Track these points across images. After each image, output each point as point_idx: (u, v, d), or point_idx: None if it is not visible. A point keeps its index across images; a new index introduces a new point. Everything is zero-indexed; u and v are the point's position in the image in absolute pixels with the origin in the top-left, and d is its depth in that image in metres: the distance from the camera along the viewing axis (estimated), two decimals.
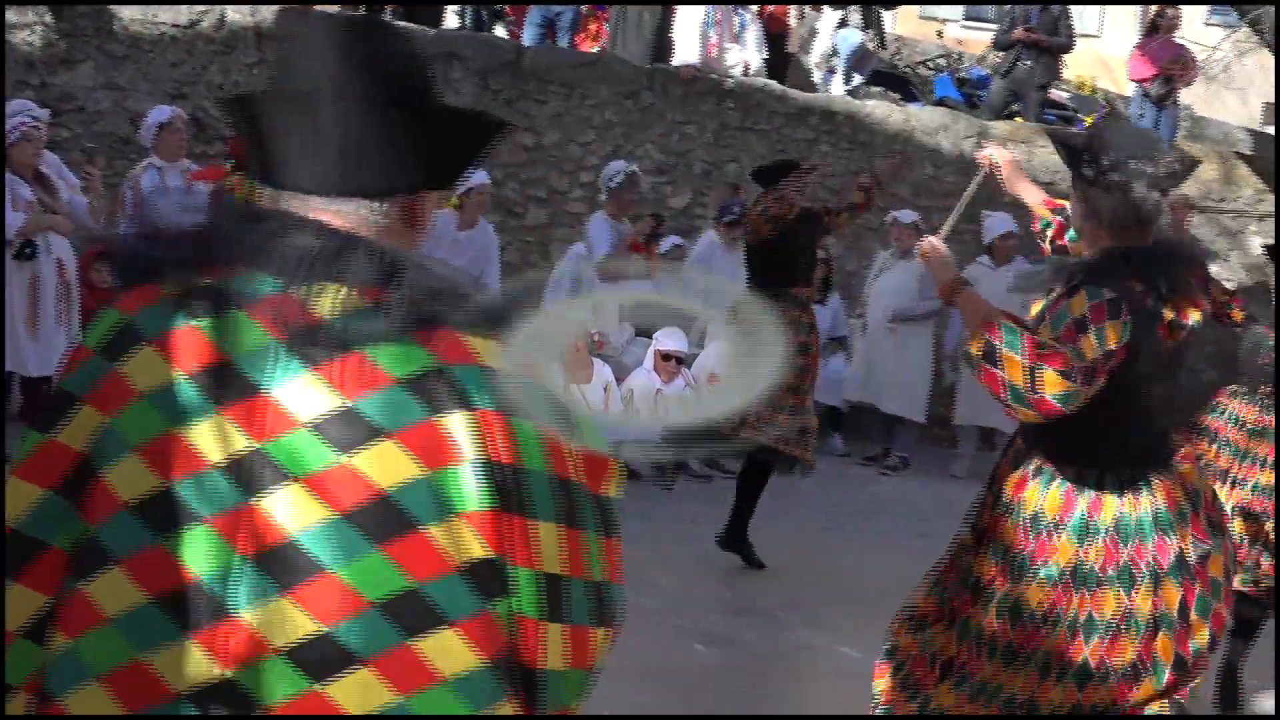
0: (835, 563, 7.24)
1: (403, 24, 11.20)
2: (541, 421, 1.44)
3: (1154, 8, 14.41)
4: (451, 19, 12.02)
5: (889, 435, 10.44)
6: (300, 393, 1.40)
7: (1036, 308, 3.35)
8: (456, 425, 1.40)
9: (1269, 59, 11.27)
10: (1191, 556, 3.15)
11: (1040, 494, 3.28)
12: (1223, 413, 5.39)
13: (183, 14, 10.39)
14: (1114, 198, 3.21)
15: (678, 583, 6.62)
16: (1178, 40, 13.66)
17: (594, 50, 12.03)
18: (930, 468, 10.10)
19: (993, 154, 3.99)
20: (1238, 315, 5.50)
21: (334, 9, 10.85)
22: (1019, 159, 3.81)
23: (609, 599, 1.51)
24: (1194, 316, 3.21)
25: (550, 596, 1.44)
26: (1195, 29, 15.97)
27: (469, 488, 1.39)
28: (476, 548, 1.39)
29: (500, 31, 12.24)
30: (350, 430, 1.38)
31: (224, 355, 1.41)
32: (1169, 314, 3.16)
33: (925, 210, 10.93)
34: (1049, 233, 3.77)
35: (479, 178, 9.23)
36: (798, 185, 7.00)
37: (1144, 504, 3.18)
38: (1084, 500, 3.21)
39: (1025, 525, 3.28)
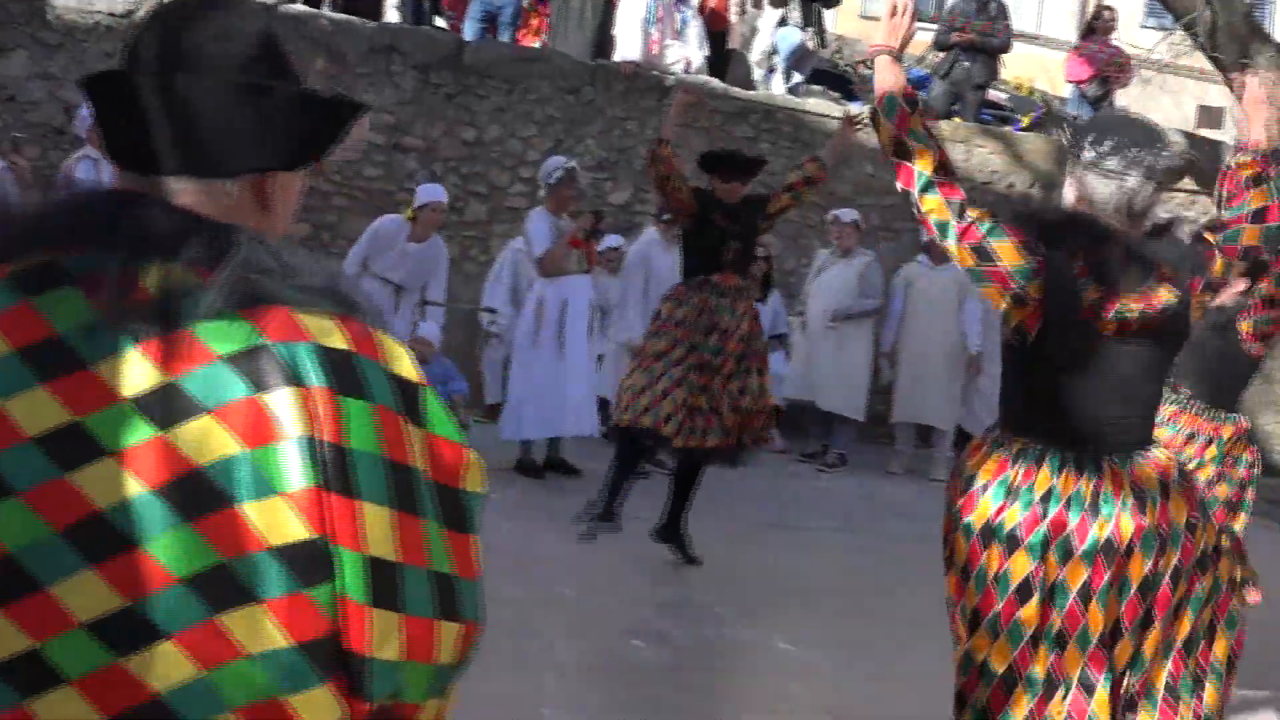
0: (773, 559, 7.28)
1: (333, 14, 11.18)
2: (381, 404, 1.42)
3: (1091, 10, 14.58)
4: (392, 13, 11.95)
5: (828, 432, 10.52)
6: (123, 368, 1.36)
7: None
8: (281, 402, 1.36)
9: (1203, 61, 11.41)
10: (1133, 542, 3.16)
11: (984, 457, 3.32)
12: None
13: (118, 3, 10.32)
14: (1110, 184, 3.22)
15: (614, 579, 6.64)
16: (1114, 42, 13.84)
17: (535, 45, 12.02)
18: (868, 465, 10.19)
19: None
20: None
21: None
22: None
23: (458, 594, 1.47)
24: (1142, 306, 3.19)
25: (379, 582, 1.39)
26: (1131, 31, 16.17)
27: (291, 466, 1.36)
28: (297, 527, 1.36)
29: (441, 24, 12.18)
30: (170, 406, 1.35)
31: (52, 331, 1.39)
32: (1094, 293, 3.15)
33: (865, 208, 11.03)
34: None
35: (435, 194, 9.23)
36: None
37: (1082, 483, 3.20)
38: (1017, 467, 3.24)
39: (962, 485, 3.33)
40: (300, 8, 11.00)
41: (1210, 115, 17.73)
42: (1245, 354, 5.21)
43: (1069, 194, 3.37)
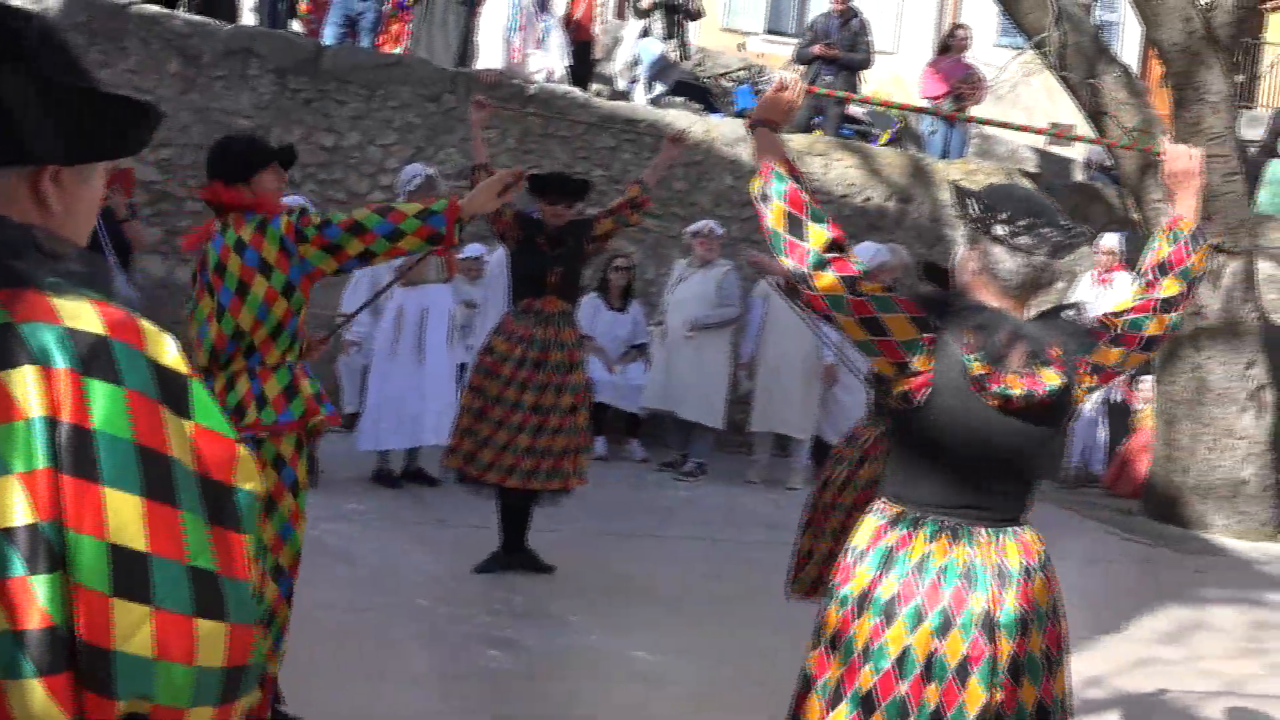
0: (629, 566, 7.31)
1: (189, 15, 11.00)
2: (133, 389, 1.39)
3: (947, 28, 14.89)
4: (249, 15, 11.79)
5: (686, 441, 10.56)
6: None
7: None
8: (23, 381, 1.34)
9: (1051, 80, 11.70)
10: (999, 619, 3.13)
11: (865, 524, 3.30)
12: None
13: None
14: (1018, 259, 3.19)
15: (470, 588, 6.61)
16: (968, 60, 14.16)
17: (396, 52, 11.94)
18: (726, 473, 10.26)
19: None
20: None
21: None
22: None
23: (224, 592, 1.43)
24: (1028, 387, 3.15)
25: (123, 571, 1.35)
26: (985, 50, 16.53)
27: (26, 445, 1.34)
28: (24, 510, 1.32)
29: (297, 28, 12.04)
30: None
31: None
32: (980, 369, 3.12)
33: (725, 220, 11.13)
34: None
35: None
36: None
37: (957, 553, 3.17)
38: (895, 535, 3.21)
39: (845, 553, 3.31)
40: (154, 8, 10.79)
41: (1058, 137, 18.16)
42: None
43: (970, 265, 3.31)
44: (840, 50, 13.20)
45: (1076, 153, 17.33)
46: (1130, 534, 10.30)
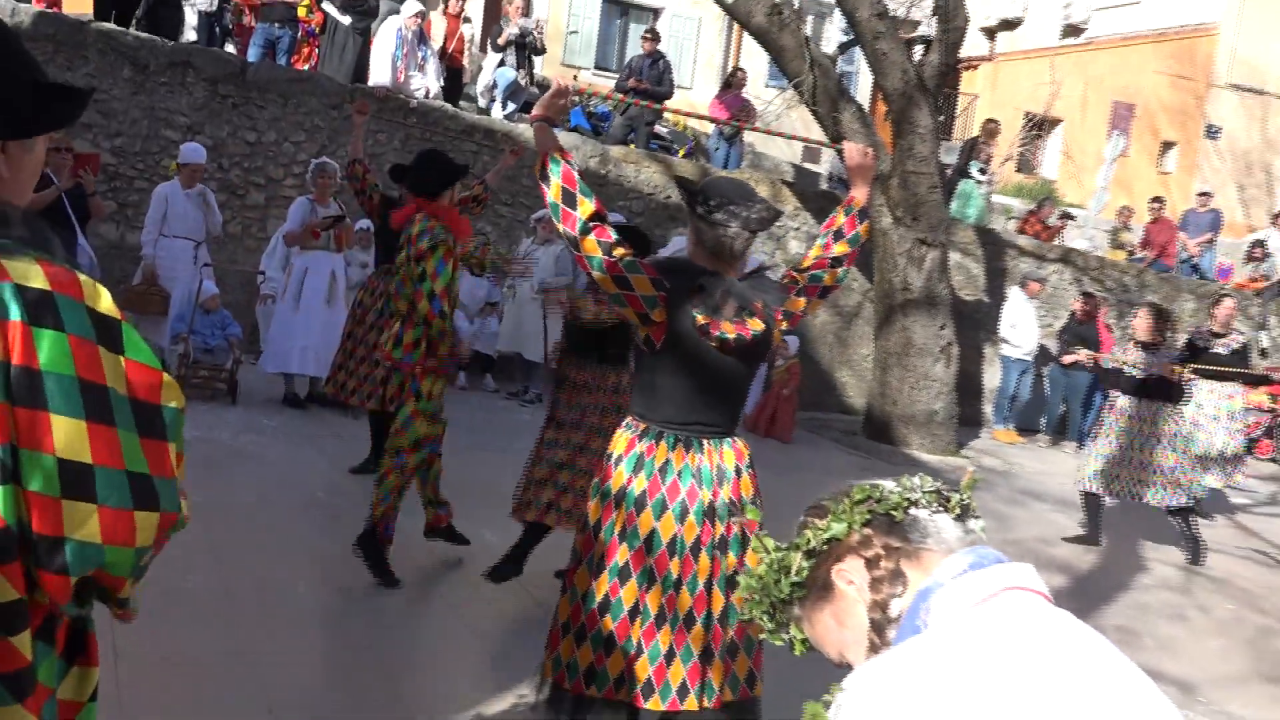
0: (484, 473, 7.33)
1: (138, 33, 10.58)
2: (73, 334, 1.35)
3: (729, 70, 15.05)
4: (190, 33, 11.38)
5: (529, 376, 10.61)
6: None
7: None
8: None
9: (807, 113, 11.96)
10: (720, 508, 3.18)
11: (620, 437, 3.30)
12: None
13: None
14: (716, 232, 3.20)
15: (352, 483, 6.51)
16: (745, 95, 14.37)
17: (305, 69, 11.66)
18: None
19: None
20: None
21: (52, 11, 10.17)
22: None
23: (156, 489, 1.41)
24: (739, 332, 3.18)
25: (70, 479, 1.33)
26: (758, 88, 16.78)
27: None
28: None
29: (230, 48, 11.68)
30: None
31: None
32: (703, 320, 3.15)
33: None
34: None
35: (195, 155, 8.93)
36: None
37: (690, 458, 3.19)
38: (643, 445, 3.22)
39: (604, 459, 3.31)
40: (110, 26, 10.36)
41: (811, 152, 18.51)
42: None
43: (691, 238, 3.32)
44: (649, 83, 13.28)
45: (823, 168, 17.70)
46: (853, 450, 10.68)
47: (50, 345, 1.32)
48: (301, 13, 11.86)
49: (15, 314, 1.31)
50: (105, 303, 1.41)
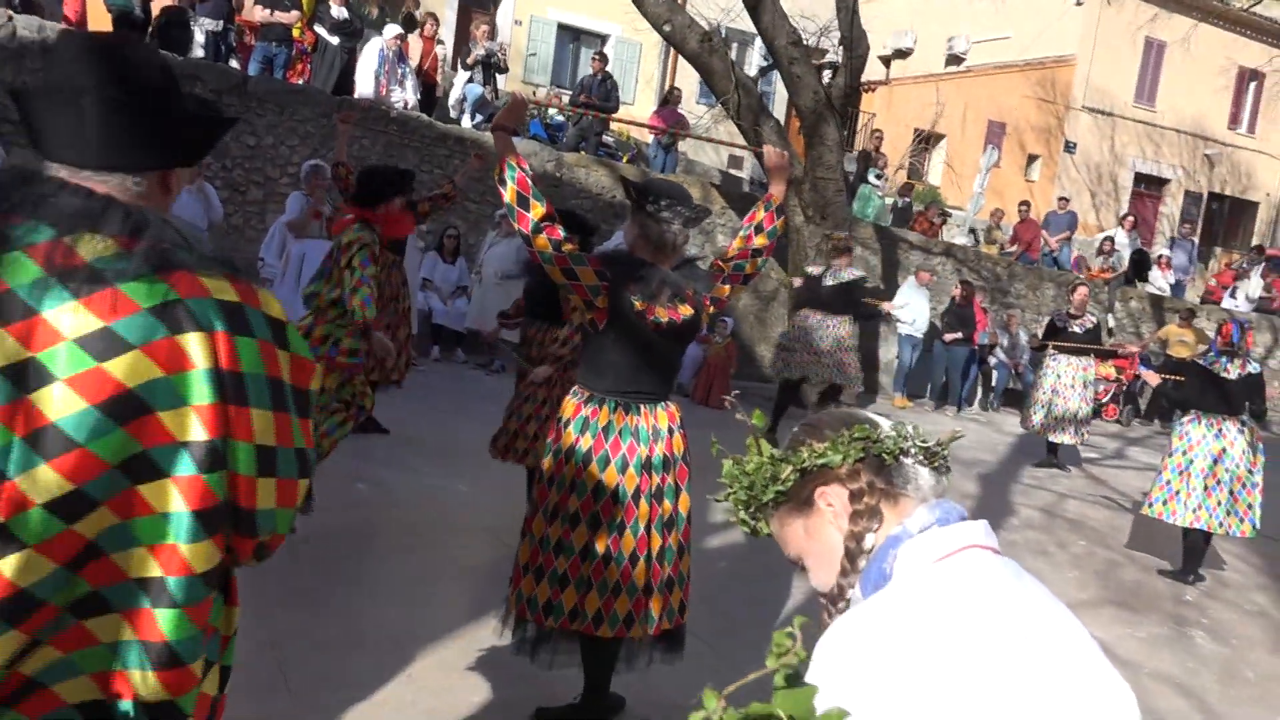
0: (454, 430, 7.27)
1: (154, 48, 10.28)
2: (261, 339, 1.39)
3: (666, 88, 14.95)
4: (198, 51, 11.06)
5: (493, 350, 10.49)
6: (67, 316, 1.28)
7: None
8: (192, 342, 1.32)
9: (733, 125, 11.92)
10: (653, 461, 3.16)
11: (568, 403, 3.26)
12: None
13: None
14: (661, 227, 3.17)
15: (343, 443, 6.44)
16: (680, 110, 14.29)
17: (300, 83, 11.40)
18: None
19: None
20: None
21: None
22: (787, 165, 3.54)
23: (308, 460, 1.48)
24: (671, 316, 3.17)
25: (263, 460, 1.39)
26: (691, 104, 16.70)
27: (199, 387, 1.33)
28: (199, 431, 1.33)
29: (233, 64, 11.37)
30: (106, 344, 1.28)
31: (6, 285, 1.29)
32: (640, 305, 3.13)
33: None
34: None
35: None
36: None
37: (629, 420, 3.17)
38: (589, 409, 3.19)
39: (555, 422, 3.28)
40: None
41: (736, 160, 18.51)
42: None
43: (630, 233, 3.27)
44: (597, 99, 13.15)
45: (745, 173, 17.72)
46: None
47: (247, 350, 1.36)
48: (295, 33, 11.59)
49: (220, 325, 1.34)
50: (276, 309, 1.43)
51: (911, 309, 12.49)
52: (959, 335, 12.68)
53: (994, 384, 13.69)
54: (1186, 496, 6.46)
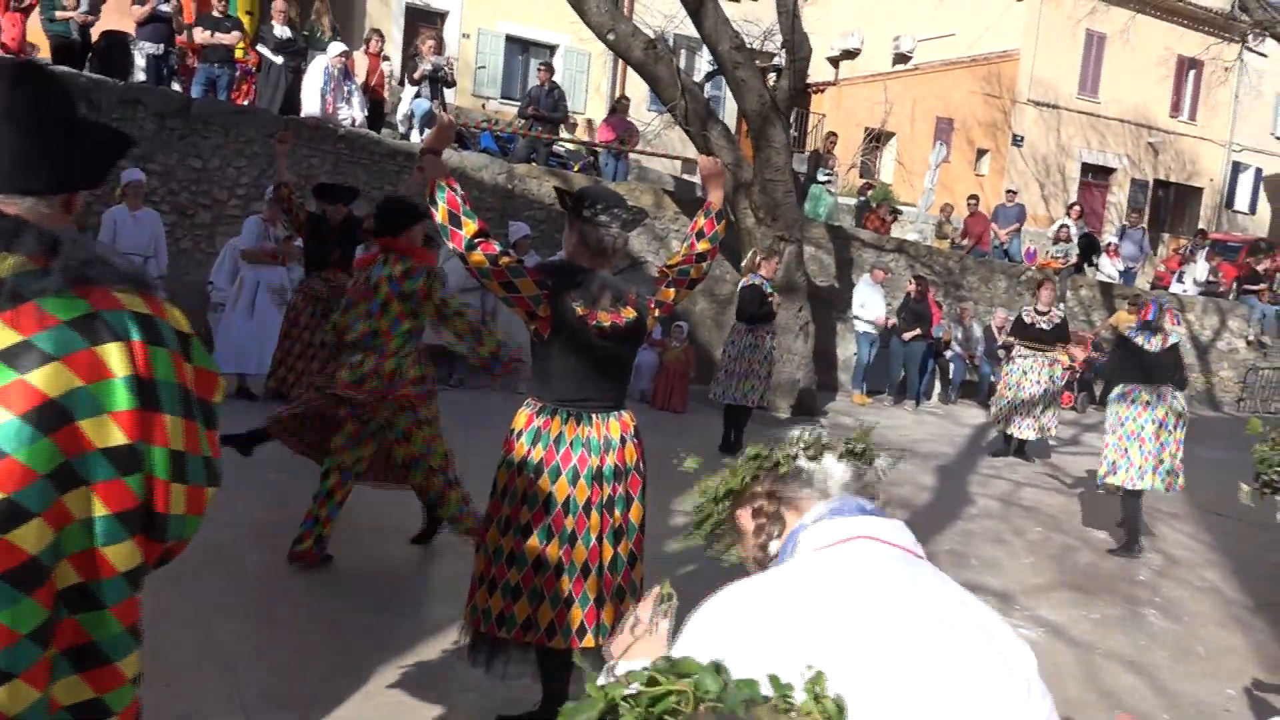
0: None
1: (91, 74, 10.18)
2: (172, 349, 1.44)
3: (616, 97, 14.97)
4: (139, 74, 10.95)
5: (452, 366, 10.44)
6: None
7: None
8: (112, 352, 1.37)
9: (683, 132, 11.98)
10: (605, 472, 3.16)
11: (520, 414, 3.26)
12: None
13: None
14: (599, 232, 3.19)
15: (290, 459, 6.41)
16: (629, 119, 14.34)
17: (245, 103, 11.32)
18: (475, 386, 10.23)
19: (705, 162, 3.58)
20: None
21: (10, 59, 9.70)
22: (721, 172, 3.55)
23: (215, 468, 1.52)
24: (614, 320, 3.18)
25: (176, 466, 1.43)
26: (640, 112, 16.75)
27: (120, 395, 1.37)
28: (119, 436, 1.37)
29: (176, 87, 11.27)
30: (28, 357, 1.32)
31: None
32: (582, 311, 3.13)
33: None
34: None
35: (134, 176, 8.70)
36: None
37: (580, 430, 3.17)
38: (540, 420, 3.19)
39: (508, 433, 3.28)
40: (64, 68, 9.92)
41: (689, 165, 18.55)
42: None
43: (569, 241, 3.28)
44: (545, 110, 13.17)
45: (699, 179, 17.73)
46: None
47: (161, 359, 1.41)
48: (239, 54, 11.52)
49: (136, 335, 1.39)
50: (182, 322, 1.48)
51: (869, 307, 12.64)
52: (917, 332, 12.81)
53: (951, 377, 13.85)
54: (1128, 464, 6.88)
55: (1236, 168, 27.57)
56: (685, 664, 0.93)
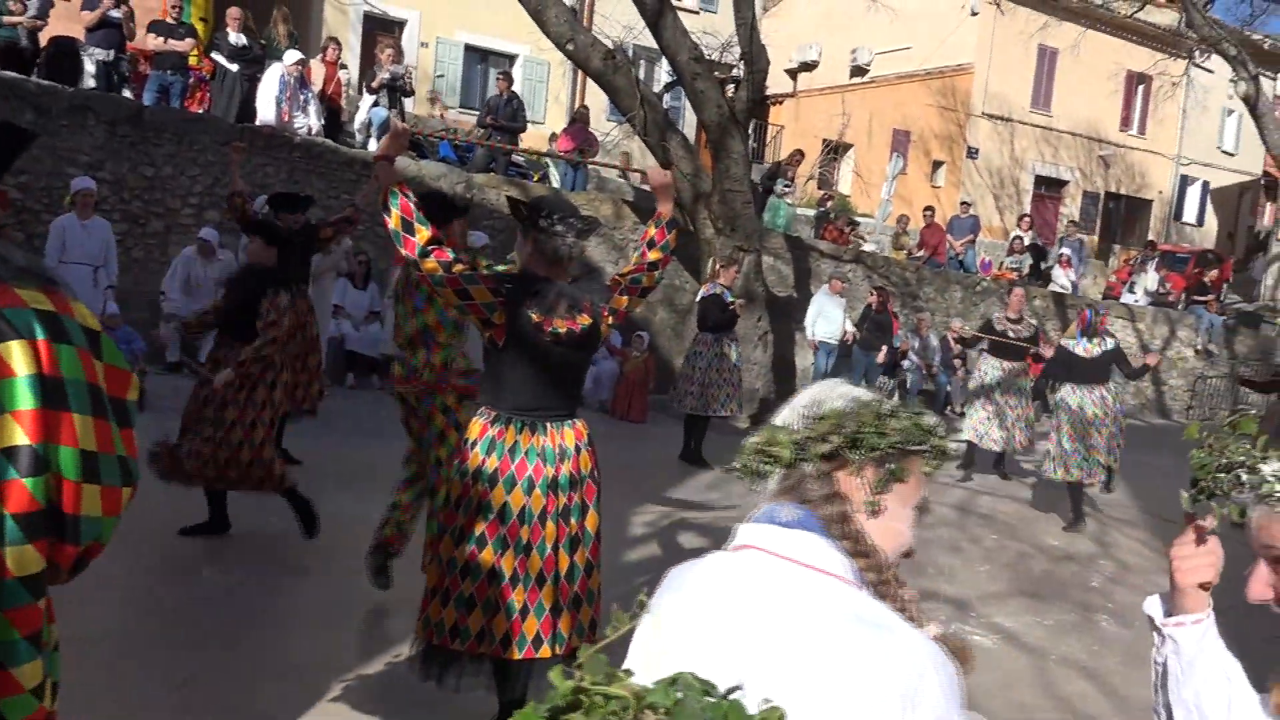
0: (369, 456, 7.17)
1: (40, 80, 10.00)
2: (79, 347, 1.40)
3: (576, 107, 14.98)
4: (89, 81, 10.77)
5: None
6: None
7: None
8: (14, 350, 1.33)
9: (641, 142, 12.01)
10: (560, 481, 3.16)
11: (474, 424, 3.23)
12: None
13: None
14: (554, 241, 3.19)
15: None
16: (589, 129, 14.34)
17: (199, 111, 11.17)
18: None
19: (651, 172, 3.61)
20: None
21: None
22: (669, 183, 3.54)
23: (130, 467, 1.47)
24: (569, 327, 3.18)
25: (87, 465, 1.39)
26: (600, 122, 16.77)
27: (22, 393, 1.33)
28: (20, 436, 1.33)
29: (126, 93, 11.09)
30: None
31: None
32: (538, 318, 3.14)
33: None
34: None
35: (84, 184, 8.60)
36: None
37: (535, 440, 3.16)
38: (495, 429, 3.17)
39: (463, 443, 3.25)
40: (13, 75, 9.75)
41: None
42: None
43: (524, 251, 3.27)
44: (504, 120, 13.14)
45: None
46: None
47: (67, 357, 1.37)
48: (192, 61, 11.38)
49: (40, 333, 1.35)
50: (90, 320, 1.45)
51: (827, 318, 12.69)
52: (885, 348, 12.75)
53: (909, 386, 13.96)
54: (1068, 457, 7.90)
55: (1185, 180, 28.14)
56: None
